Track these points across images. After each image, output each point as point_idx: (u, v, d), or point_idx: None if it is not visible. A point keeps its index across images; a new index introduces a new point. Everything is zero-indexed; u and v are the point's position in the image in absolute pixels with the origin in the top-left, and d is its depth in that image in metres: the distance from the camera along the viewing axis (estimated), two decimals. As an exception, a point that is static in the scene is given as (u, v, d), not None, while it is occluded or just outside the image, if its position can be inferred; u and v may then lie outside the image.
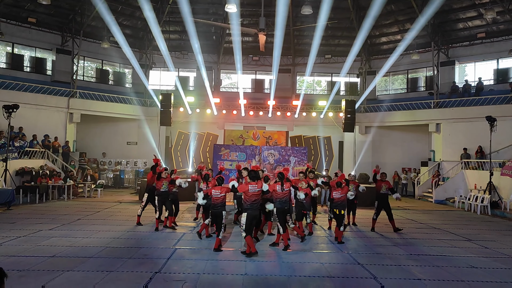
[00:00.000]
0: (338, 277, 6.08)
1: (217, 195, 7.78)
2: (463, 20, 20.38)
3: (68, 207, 13.02)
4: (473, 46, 20.73)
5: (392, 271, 6.48)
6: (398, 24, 22.14)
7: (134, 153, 21.40)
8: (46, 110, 18.85)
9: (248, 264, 6.63)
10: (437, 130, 20.08)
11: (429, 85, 22.21)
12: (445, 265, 6.87)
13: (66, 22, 20.68)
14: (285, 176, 8.30)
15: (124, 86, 23.42)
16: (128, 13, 21.80)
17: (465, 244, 8.78)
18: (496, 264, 7.04)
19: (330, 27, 21.41)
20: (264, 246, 8.04)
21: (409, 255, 7.60)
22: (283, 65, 23.38)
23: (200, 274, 6.02)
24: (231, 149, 15.60)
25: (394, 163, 21.60)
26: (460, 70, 21.93)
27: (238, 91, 22.54)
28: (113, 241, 8.22)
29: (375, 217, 10.22)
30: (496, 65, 20.41)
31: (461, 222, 12.04)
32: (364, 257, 7.31)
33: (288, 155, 15.12)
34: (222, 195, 7.80)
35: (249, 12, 21.83)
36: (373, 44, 23.79)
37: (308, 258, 7.26)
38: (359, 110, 22.01)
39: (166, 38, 20.58)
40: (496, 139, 15.22)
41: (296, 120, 21.96)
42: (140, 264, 6.51)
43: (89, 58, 22.53)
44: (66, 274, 5.84)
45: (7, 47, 20.02)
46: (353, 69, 22.57)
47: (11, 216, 10.99)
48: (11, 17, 19.13)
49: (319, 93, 25.26)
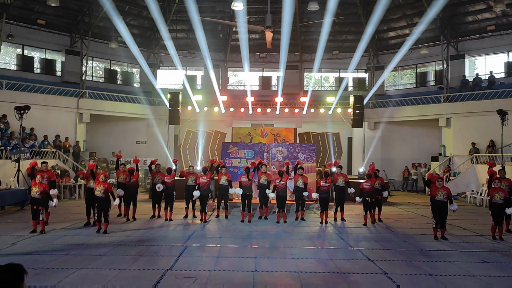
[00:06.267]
0: (348, 273, 6.08)
1: (204, 181, 10.66)
2: (472, 13, 20.10)
3: (79, 206, 13.15)
4: (483, 39, 20.45)
5: (403, 267, 6.46)
6: (406, 18, 21.91)
7: (144, 152, 21.54)
8: (57, 111, 19.09)
9: (258, 261, 6.67)
10: (447, 125, 19.87)
11: (438, 79, 21.98)
12: (456, 260, 6.83)
13: (75, 23, 20.89)
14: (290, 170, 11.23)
15: (132, 86, 23.60)
16: (135, 12, 21.93)
17: (477, 239, 8.70)
18: (509, 259, 6.97)
19: (337, 23, 21.32)
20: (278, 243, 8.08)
21: (420, 250, 7.56)
22: (290, 61, 23.32)
23: (211, 271, 6.07)
24: (239, 146, 15.60)
25: (404, 158, 21.46)
26: (470, 63, 21.65)
27: (246, 88, 22.56)
28: (124, 239, 8.33)
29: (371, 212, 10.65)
30: (507, 58, 20.11)
31: (472, 217, 11.93)
32: (374, 253, 7.30)
33: (296, 152, 15.09)
34: (207, 180, 10.74)
35: (256, 9, 21.79)
36: (381, 39, 23.59)
37: (319, 254, 7.27)
38: (368, 105, 21.88)
39: (173, 37, 20.68)
40: (507, 133, 15.01)
41: (304, 117, 21.90)
42: (152, 261, 6.58)
43: (97, 59, 22.74)
44: (79, 272, 5.93)
45: (18, 49, 20.30)
46: (361, 64, 22.41)
47: (24, 216, 11.16)
48: (20, 19, 19.39)
49: (327, 89, 25.16)
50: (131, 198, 10.89)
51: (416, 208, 13.88)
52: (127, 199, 10.84)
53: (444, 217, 8.58)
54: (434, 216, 8.67)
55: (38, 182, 8.79)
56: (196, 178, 10.88)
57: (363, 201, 10.54)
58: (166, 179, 10.94)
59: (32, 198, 8.86)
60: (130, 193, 10.84)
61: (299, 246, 7.85)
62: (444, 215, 8.56)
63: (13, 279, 2.19)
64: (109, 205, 9.04)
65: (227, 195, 11.19)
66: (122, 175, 10.88)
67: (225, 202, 11.15)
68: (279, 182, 10.82)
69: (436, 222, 8.61)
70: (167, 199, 10.82)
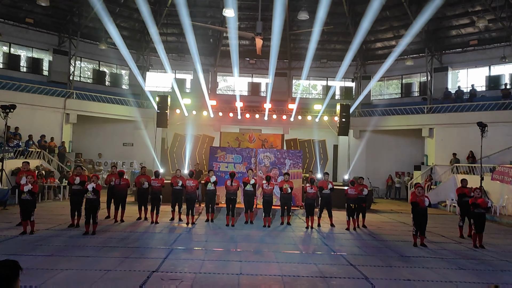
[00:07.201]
0: (331, 277, 6.25)
1: (190, 185, 10.89)
2: (456, 27, 20.76)
3: (64, 207, 13.02)
4: (465, 53, 21.12)
5: (383, 272, 6.66)
6: (393, 30, 22.47)
7: (130, 154, 21.46)
8: (43, 111, 18.89)
9: (243, 264, 6.78)
10: (430, 135, 20.38)
11: (422, 90, 22.54)
12: (434, 266, 7.07)
13: (64, 22, 20.76)
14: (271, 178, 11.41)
15: (120, 88, 23.51)
16: (126, 14, 21.92)
17: (455, 246, 9.00)
18: (484, 266, 7.25)
19: (326, 32, 21.69)
20: (263, 247, 8.21)
21: (400, 256, 7.80)
22: (279, 68, 23.61)
23: (197, 273, 6.16)
24: (227, 151, 15.72)
25: (387, 167, 21.88)
26: (453, 76, 22.29)
27: (235, 93, 22.71)
28: (110, 240, 8.34)
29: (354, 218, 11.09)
30: (488, 72, 20.79)
31: (451, 225, 12.25)
32: (356, 258, 7.49)
33: (283, 158, 15.29)
34: (193, 184, 11.01)
35: (246, 16, 22.05)
36: (368, 49, 24.10)
37: (303, 258, 7.43)
38: (354, 114, 22.28)
39: (163, 40, 20.72)
40: (487, 145, 15.49)
41: (291, 124, 22.16)
42: (137, 263, 6.63)
43: (86, 59, 22.61)
44: (64, 273, 5.95)
45: (4, 47, 20.05)
46: (348, 73, 22.87)
47: (7, 216, 11.06)
48: (8, 17, 19.19)
49: (314, 97, 25.50)
50: (120, 200, 10.90)
51: (398, 216, 14.20)
52: (116, 201, 10.86)
53: (424, 224, 8.86)
54: (414, 224, 8.94)
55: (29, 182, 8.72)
56: (182, 182, 10.97)
57: (347, 207, 10.91)
58: (153, 182, 10.98)
59: (22, 199, 8.79)
60: (119, 195, 10.86)
61: (284, 251, 8.00)
62: (424, 222, 8.84)
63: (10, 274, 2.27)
64: (99, 207, 9.04)
65: (214, 199, 11.30)
66: (112, 177, 11.05)
67: (212, 206, 11.26)
68: (266, 186, 11.12)
69: (416, 230, 8.89)
70: (154, 202, 10.87)
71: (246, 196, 11.23)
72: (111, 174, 11.23)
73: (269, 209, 11.07)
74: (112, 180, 11.03)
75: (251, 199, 11.23)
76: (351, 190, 10.94)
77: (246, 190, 11.20)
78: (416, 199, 8.84)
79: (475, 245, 8.90)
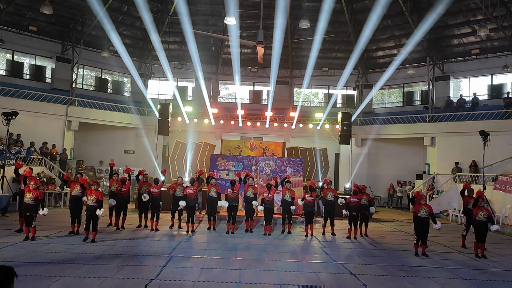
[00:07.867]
0: (331, 286, 6.19)
1: (191, 192, 10.78)
2: (458, 36, 20.79)
3: (64, 215, 12.99)
4: (467, 61, 21.12)
5: (383, 281, 6.59)
6: (395, 38, 22.54)
7: (132, 162, 21.44)
8: (45, 118, 18.95)
9: (242, 273, 6.73)
10: (432, 144, 20.32)
11: (424, 99, 22.53)
12: (435, 276, 7.00)
13: (67, 30, 20.93)
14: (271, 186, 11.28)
15: (122, 95, 23.59)
16: (128, 23, 22.09)
17: (456, 256, 8.91)
18: (486, 276, 7.17)
19: (327, 41, 21.78)
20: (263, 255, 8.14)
21: (401, 266, 7.72)
22: (280, 77, 23.67)
23: (195, 281, 6.11)
24: (228, 159, 15.72)
25: (389, 175, 21.78)
26: (454, 85, 22.29)
27: (236, 101, 22.77)
28: (109, 248, 8.30)
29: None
30: (490, 81, 20.78)
31: (453, 234, 12.16)
32: (357, 268, 7.42)
33: (284, 166, 15.26)
34: (194, 192, 10.90)
35: (248, 24, 22.18)
36: (369, 58, 24.17)
37: (302, 267, 7.37)
38: (355, 122, 22.27)
39: (165, 48, 20.85)
40: (489, 154, 15.42)
41: (292, 132, 22.16)
42: (136, 271, 6.59)
43: (88, 67, 22.73)
44: (62, 280, 5.91)
45: (7, 54, 20.20)
46: (349, 82, 22.88)
47: (7, 223, 11.04)
48: (12, 25, 19.34)
49: (316, 105, 25.53)
50: (122, 207, 10.86)
51: (399, 225, 14.10)
52: (118, 208, 10.81)
53: (426, 234, 8.79)
54: (416, 233, 8.88)
55: (32, 188, 8.76)
56: (183, 189, 10.94)
57: (349, 215, 10.89)
58: (152, 189, 10.98)
59: (25, 204, 8.79)
60: (121, 202, 10.81)
61: (284, 259, 7.94)
62: (425, 231, 8.77)
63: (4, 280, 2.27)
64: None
65: (215, 207, 11.25)
66: (114, 184, 11.06)
67: (214, 214, 11.21)
68: (267, 195, 11.10)
69: (417, 239, 8.82)
70: (154, 209, 10.84)
71: (247, 203, 11.19)
72: (113, 180, 11.17)
73: (270, 217, 11.05)
74: (113, 186, 11.04)
75: (251, 207, 11.17)
76: (353, 198, 10.94)
77: (246, 196, 11.17)
78: (418, 208, 8.84)
79: (477, 255, 8.81)
